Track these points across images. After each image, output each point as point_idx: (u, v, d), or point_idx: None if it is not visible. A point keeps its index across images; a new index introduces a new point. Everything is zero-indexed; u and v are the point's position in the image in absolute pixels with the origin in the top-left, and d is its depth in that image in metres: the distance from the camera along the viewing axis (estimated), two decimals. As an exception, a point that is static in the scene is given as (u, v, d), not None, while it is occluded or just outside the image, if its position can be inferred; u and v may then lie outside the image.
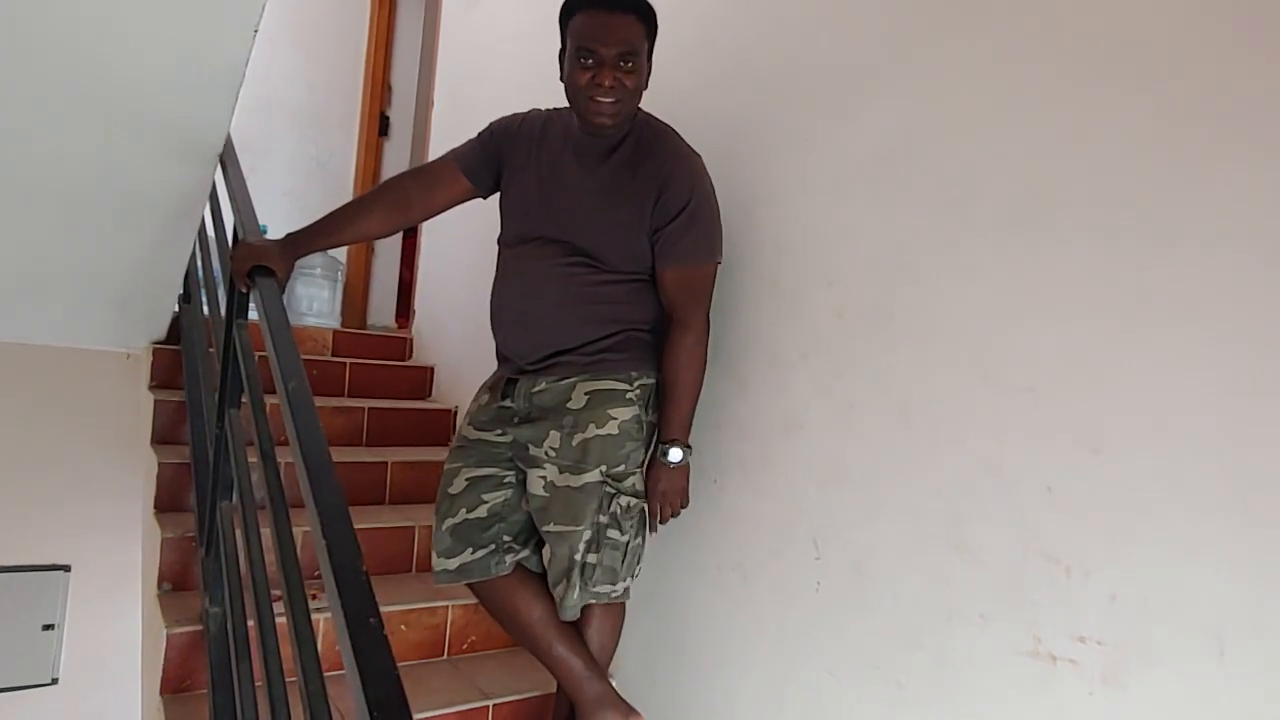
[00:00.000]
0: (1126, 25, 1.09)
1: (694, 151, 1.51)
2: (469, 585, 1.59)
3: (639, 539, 1.55)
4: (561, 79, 1.46)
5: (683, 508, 1.61)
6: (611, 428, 1.47)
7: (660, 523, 1.59)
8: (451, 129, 3.03)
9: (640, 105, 1.50)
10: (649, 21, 1.43)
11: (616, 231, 1.47)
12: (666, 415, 1.52)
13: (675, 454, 1.52)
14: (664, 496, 1.55)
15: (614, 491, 1.48)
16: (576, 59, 1.40)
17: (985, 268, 1.24)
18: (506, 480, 1.56)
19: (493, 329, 1.60)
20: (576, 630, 1.57)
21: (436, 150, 3.18)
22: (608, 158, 1.48)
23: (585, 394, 1.47)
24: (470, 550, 1.54)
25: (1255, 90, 0.96)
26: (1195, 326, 1.00)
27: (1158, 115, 1.05)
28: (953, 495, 1.25)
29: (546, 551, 1.56)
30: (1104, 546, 1.07)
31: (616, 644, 1.66)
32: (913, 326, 1.34)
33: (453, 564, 1.54)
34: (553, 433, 1.48)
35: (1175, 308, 1.02)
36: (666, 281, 1.49)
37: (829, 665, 1.42)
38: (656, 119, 1.53)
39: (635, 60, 1.40)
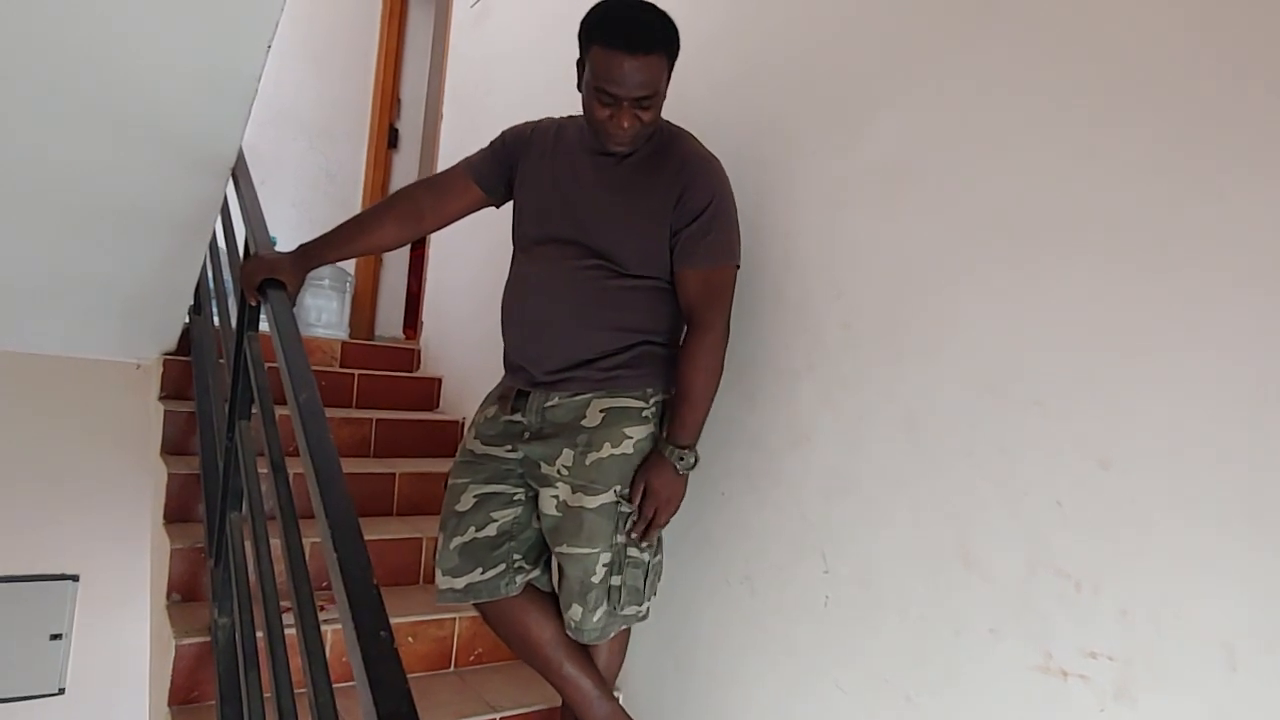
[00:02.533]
0: (1135, 44, 1.10)
1: (712, 154, 1.49)
2: (475, 605, 1.54)
3: (658, 557, 1.54)
4: (579, 88, 1.43)
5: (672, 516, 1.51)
6: (627, 447, 1.45)
7: (650, 530, 1.47)
8: (460, 142, 3.05)
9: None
10: (671, 50, 1.38)
11: (634, 231, 1.45)
12: (680, 418, 1.45)
13: (689, 459, 1.46)
14: (668, 503, 1.46)
15: (630, 511, 1.46)
16: (594, 94, 1.36)
17: (994, 281, 1.24)
18: (516, 498, 1.52)
19: (504, 334, 1.56)
20: (585, 650, 1.55)
21: (445, 163, 3.19)
22: (626, 158, 1.47)
23: (601, 411, 1.45)
24: (480, 570, 1.49)
25: (1256, 115, 0.97)
26: (1204, 341, 1.00)
27: (1163, 135, 1.06)
28: (961, 509, 1.25)
29: (555, 571, 1.54)
30: (1114, 561, 1.06)
31: (623, 660, 1.66)
32: (921, 340, 1.34)
33: (460, 583, 1.50)
34: (566, 451, 1.45)
35: (1183, 323, 1.02)
36: (687, 284, 1.46)
37: (837, 679, 1.42)
38: (672, 124, 1.52)
39: (654, 98, 1.37)
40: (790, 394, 1.56)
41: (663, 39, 1.35)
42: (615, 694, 1.86)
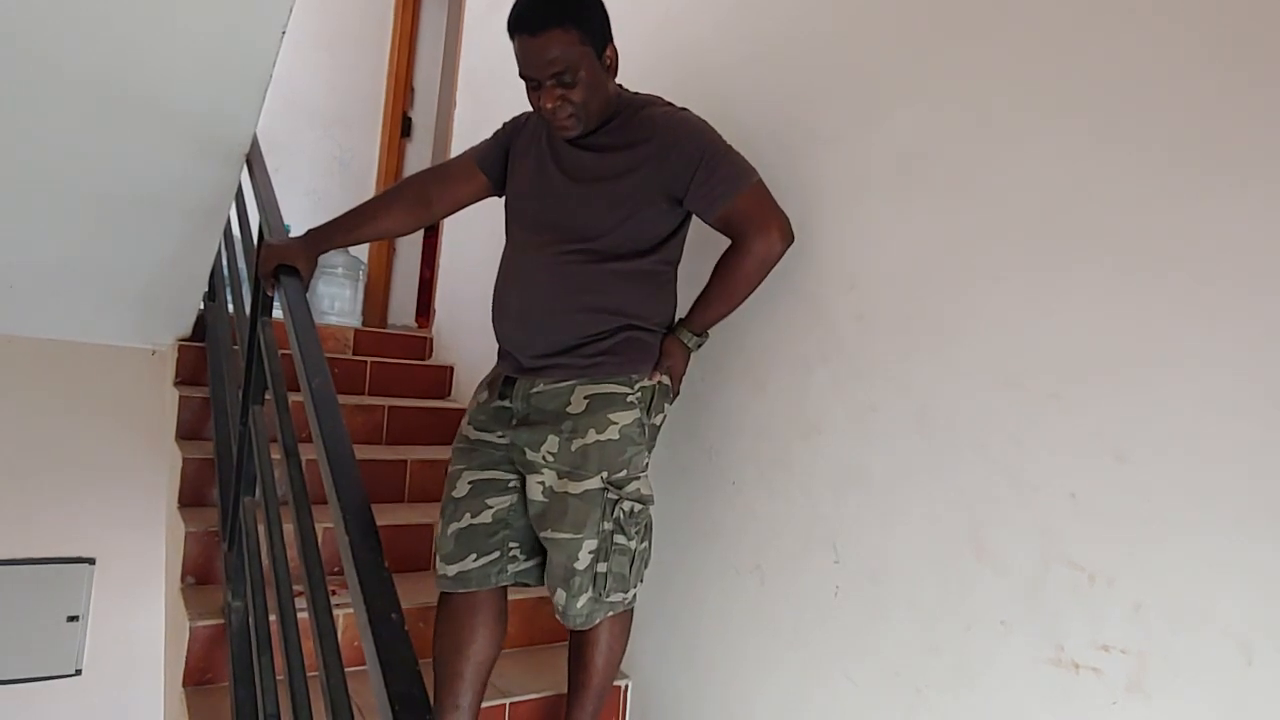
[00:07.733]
0: (1152, 30, 1.08)
1: (680, 108, 1.51)
2: (444, 593, 1.54)
3: (645, 543, 1.53)
4: None
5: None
6: (612, 433, 1.44)
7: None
8: (473, 130, 3.04)
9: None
10: (580, 22, 1.35)
11: (615, 209, 1.45)
12: (698, 311, 1.52)
13: (693, 341, 1.54)
14: (669, 370, 1.54)
15: (616, 498, 1.46)
16: (524, 83, 1.40)
17: (1009, 273, 1.23)
18: (511, 485, 1.52)
19: (493, 322, 1.58)
20: (482, 695, 1.55)
21: (458, 151, 3.19)
22: (596, 140, 1.48)
23: (585, 398, 1.45)
24: (474, 557, 1.50)
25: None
26: (1222, 336, 0.99)
27: (1184, 120, 1.04)
28: (974, 501, 1.24)
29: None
30: (1128, 554, 1.06)
31: (625, 648, 1.65)
32: (935, 331, 1.33)
33: (451, 570, 1.50)
34: (551, 437, 1.45)
35: (1203, 317, 1.01)
36: (729, 222, 1.47)
37: (846, 670, 1.42)
38: (636, 94, 1.53)
39: (572, 74, 1.36)
40: (802, 384, 1.56)
41: (559, 13, 1.34)
42: (623, 680, 1.87)
